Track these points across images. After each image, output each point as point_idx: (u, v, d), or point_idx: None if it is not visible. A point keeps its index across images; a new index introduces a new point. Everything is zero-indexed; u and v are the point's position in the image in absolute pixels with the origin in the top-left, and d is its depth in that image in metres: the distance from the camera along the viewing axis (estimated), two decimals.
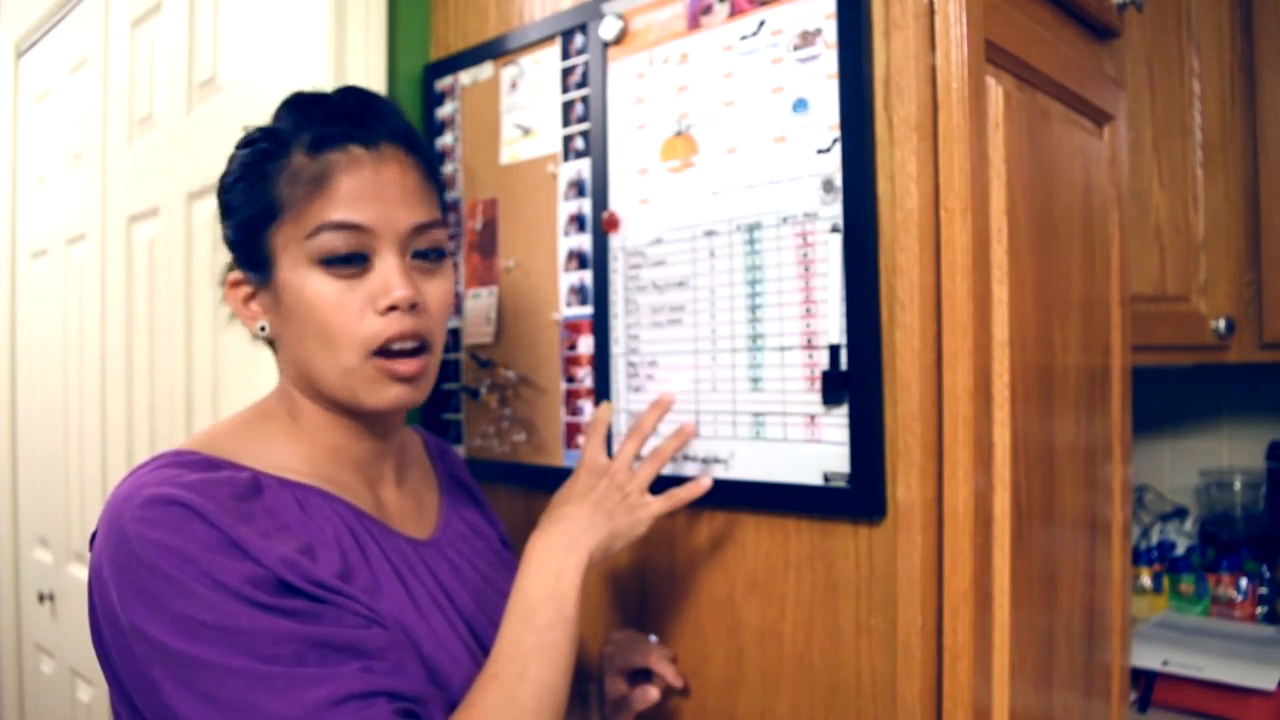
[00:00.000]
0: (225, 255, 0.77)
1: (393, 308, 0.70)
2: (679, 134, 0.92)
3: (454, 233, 1.15)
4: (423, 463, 0.90)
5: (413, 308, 0.71)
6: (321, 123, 0.71)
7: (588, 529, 0.78)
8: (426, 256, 0.74)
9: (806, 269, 0.83)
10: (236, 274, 0.75)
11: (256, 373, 1.17)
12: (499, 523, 0.96)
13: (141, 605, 0.59)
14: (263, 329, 0.74)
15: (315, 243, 0.69)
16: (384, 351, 0.71)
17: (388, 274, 0.70)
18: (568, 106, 1.03)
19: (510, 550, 0.94)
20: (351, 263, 0.70)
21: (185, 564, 0.59)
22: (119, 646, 0.62)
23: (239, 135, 0.76)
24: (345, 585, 0.65)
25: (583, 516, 0.80)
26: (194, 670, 0.58)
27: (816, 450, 0.82)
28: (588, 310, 1.00)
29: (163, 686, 0.59)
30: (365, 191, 0.70)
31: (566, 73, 1.03)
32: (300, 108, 0.74)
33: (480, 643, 0.77)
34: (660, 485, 0.87)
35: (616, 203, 0.98)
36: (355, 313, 0.70)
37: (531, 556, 0.76)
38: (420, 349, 0.73)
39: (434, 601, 0.75)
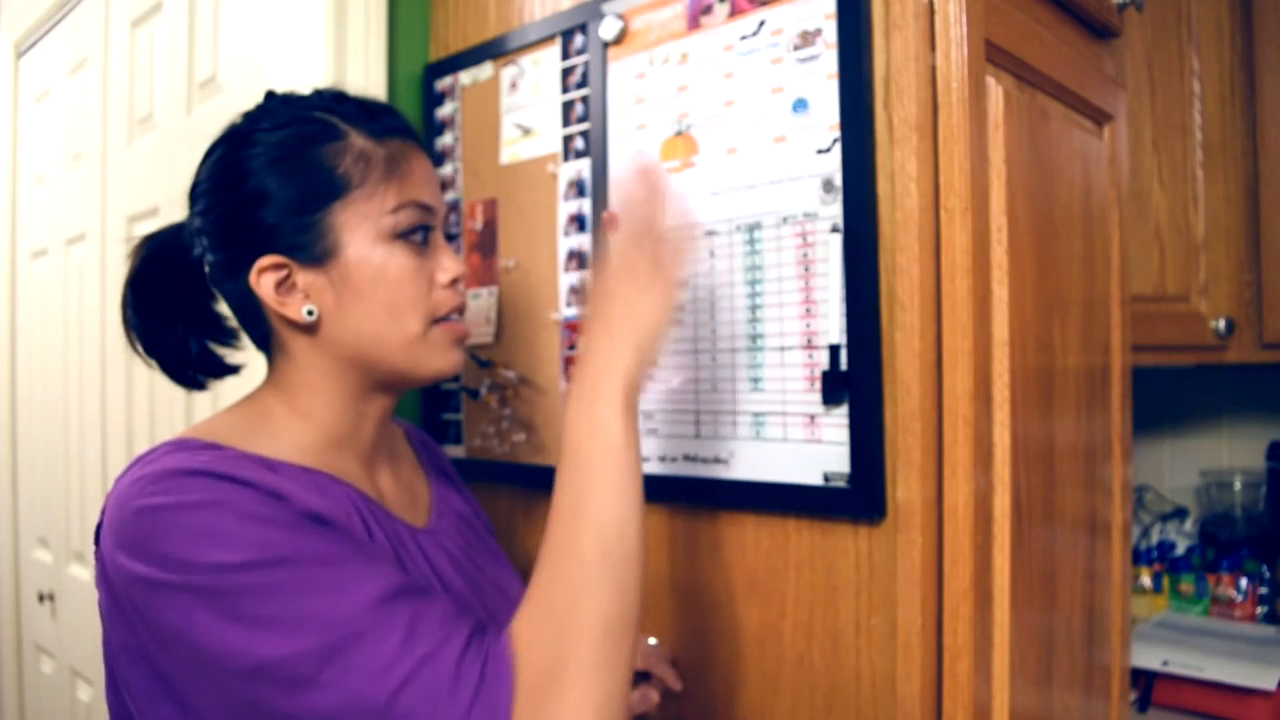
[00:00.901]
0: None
1: (455, 281, 0.77)
2: (679, 134, 0.92)
3: (453, 232, 1.16)
4: (409, 455, 0.90)
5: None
6: (374, 113, 0.76)
7: (617, 356, 0.69)
8: (452, 239, 0.82)
9: (806, 269, 0.83)
10: (272, 259, 0.71)
11: (255, 371, 1.17)
12: (483, 513, 0.97)
13: (171, 565, 0.58)
14: (310, 313, 0.72)
15: (394, 219, 0.73)
16: (444, 319, 0.77)
17: (446, 252, 0.77)
18: (568, 106, 1.03)
19: (496, 539, 0.95)
20: (424, 239, 0.75)
21: (219, 512, 0.59)
22: (152, 613, 0.60)
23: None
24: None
25: (616, 333, 0.70)
26: (240, 600, 0.57)
27: (816, 450, 0.82)
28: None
29: (209, 630, 0.58)
30: (427, 176, 0.77)
31: (566, 73, 1.03)
32: (337, 100, 0.76)
33: None
34: (661, 486, 0.87)
35: (617, 203, 0.97)
36: (426, 285, 0.75)
37: (573, 399, 0.70)
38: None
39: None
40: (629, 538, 0.65)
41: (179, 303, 0.78)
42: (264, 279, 0.71)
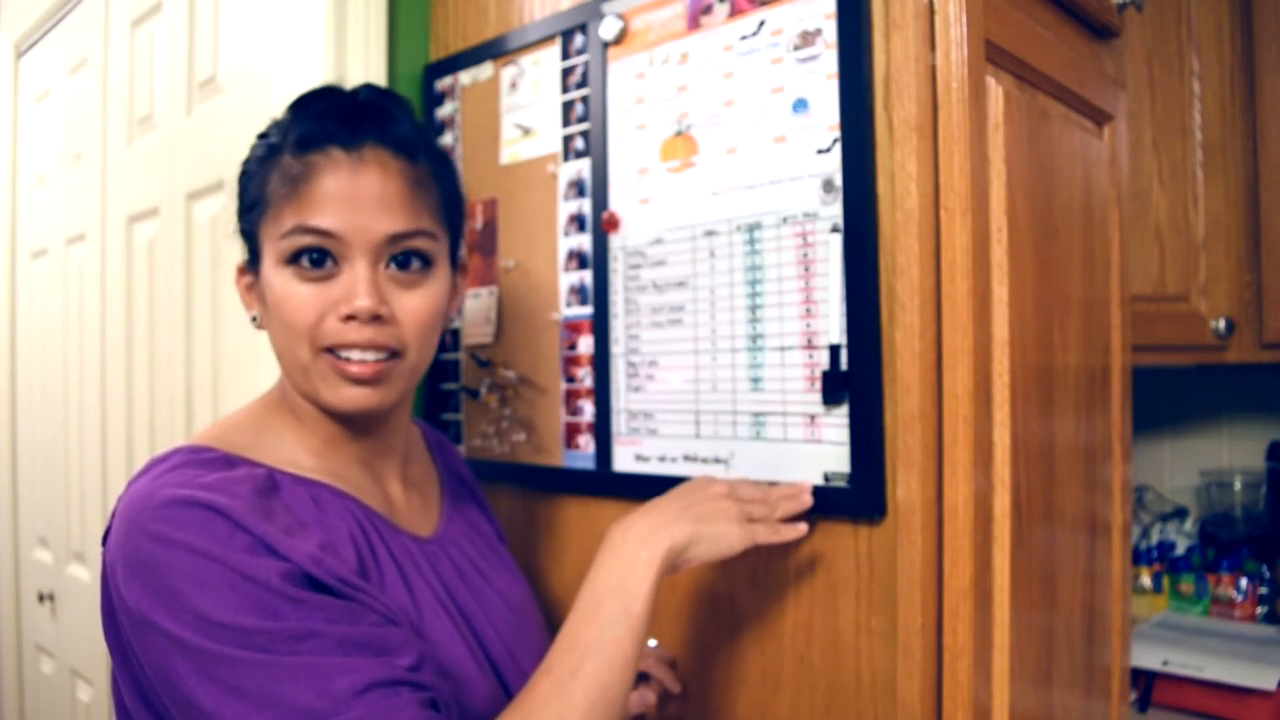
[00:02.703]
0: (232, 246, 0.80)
1: (351, 317, 0.69)
2: (679, 134, 0.92)
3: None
4: (425, 457, 0.90)
5: (376, 318, 0.70)
6: (310, 121, 0.72)
7: (670, 524, 0.73)
8: (405, 266, 0.72)
9: (806, 269, 0.83)
10: (241, 261, 0.78)
11: (256, 372, 1.17)
12: (496, 519, 0.96)
13: (161, 603, 0.59)
14: (254, 319, 0.77)
15: (286, 243, 0.70)
16: (334, 350, 0.71)
17: (352, 282, 0.70)
18: (568, 106, 1.03)
19: (507, 546, 0.95)
20: (319, 266, 0.70)
21: (209, 562, 0.59)
22: (137, 642, 0.61)
23: (238, 135, 0.77)
24: (364, 583, 0.66)
25: (669, 511, 0.74)
26: (216, 664, 0.58)
27: (816, 450, 0.82)
28: (588, 310, 1.00)
29: (185, 679, 0.58)
30: (339, 196, 0.69)
31: (566, 73, 1.03)
32: (300, 104, 0.74)
33: (481, 642, 0.77)
34: (662, 486, 0.87)
35: (616, 203, 0.98)
36: (316, 314, 0.70)
37: (606, 546, 0.72)
38: (386, 356, 0.72)
39: (437, 600, 0.75)
40: (615, 702, 0.66)
41: None
42: (240, 279, 0.78)
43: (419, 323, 0.73)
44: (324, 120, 0.71)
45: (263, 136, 0.75)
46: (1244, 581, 1.53)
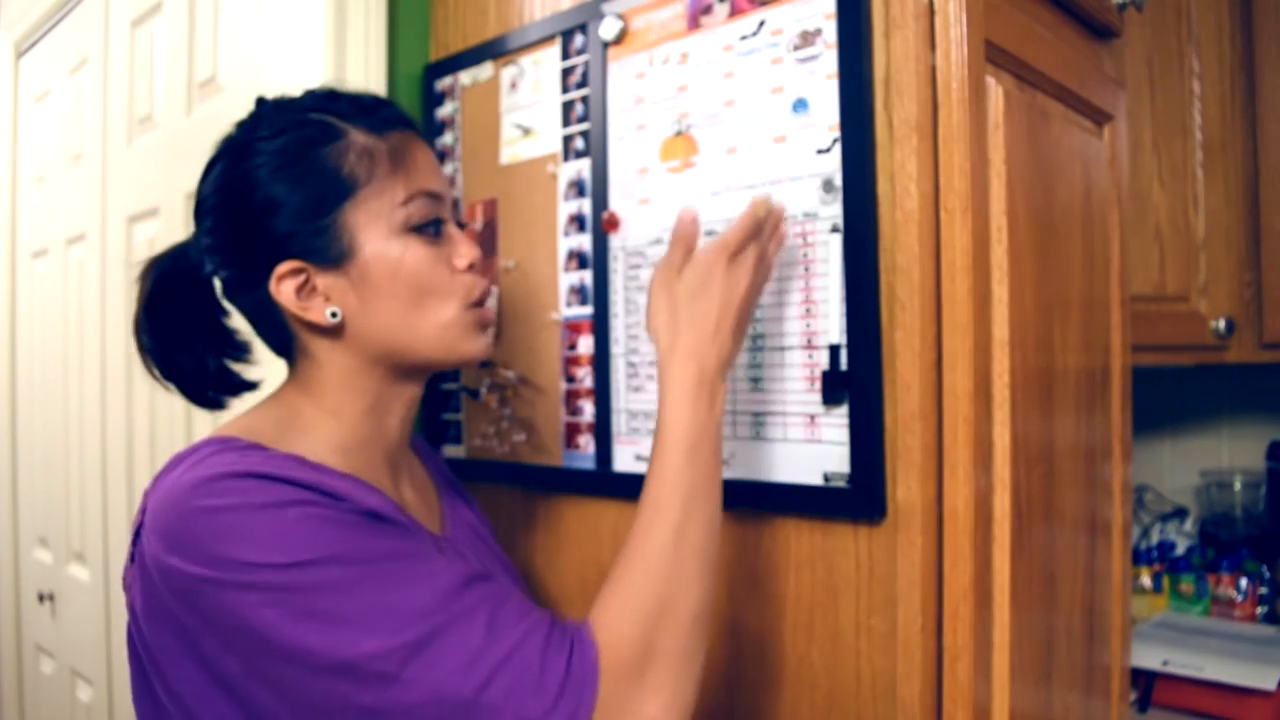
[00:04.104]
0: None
1: (471, 266, 0.77)
2: (679, 134, 0.92)
3: (463, 220, 1.16)
4: (418, 462, 0.91)
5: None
6: (369, 109, 0.75)
7: (712, 340, 0.73)
8: (462, 226, 0.81)
9: (806, 269, 0.83)
10: (290, 264, 0.71)
11: (256, 371, 1.17)
12: (487, 518, 0.97)
13: (236, 566, 0.58)
14: (334, 314, 0.72)
15: (408, 210, 0.73)
16: (478, 303, 0.77)
17: (456, 238, 0.77)
18: (568, 106, 1.03)
19: (499, 545, 0.95)
20: (436, 228, 0.75)
21: (279, 509, 0.59)
22: (211, 619, 0.59)
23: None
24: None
25: (701, 320, 0.74)
26: (314, 595, 0.58)
27: (816, 450, 0.82)
28: (588, 310, 1.00)
29: (277, 630, 0.57)
30: (431, 165, 0.77)
31: (566, 73, 1.03)
32: (331, 98, 0.76)
33: None
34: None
35: (616, 203, 0.98)
36: (447, 272, 0.75)
37: (675, 379, 0.72)
38: None
39: None
40: (717, 536, 0.70)
41: (193, 322, 0.78)
42: (284, 286, 0.71)
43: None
44: (378, 107, 0.76)
45: (277, 134, 0.72)
46: (1244, 581, 1.53)
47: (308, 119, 0.73)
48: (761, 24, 0.86)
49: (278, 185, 0.71)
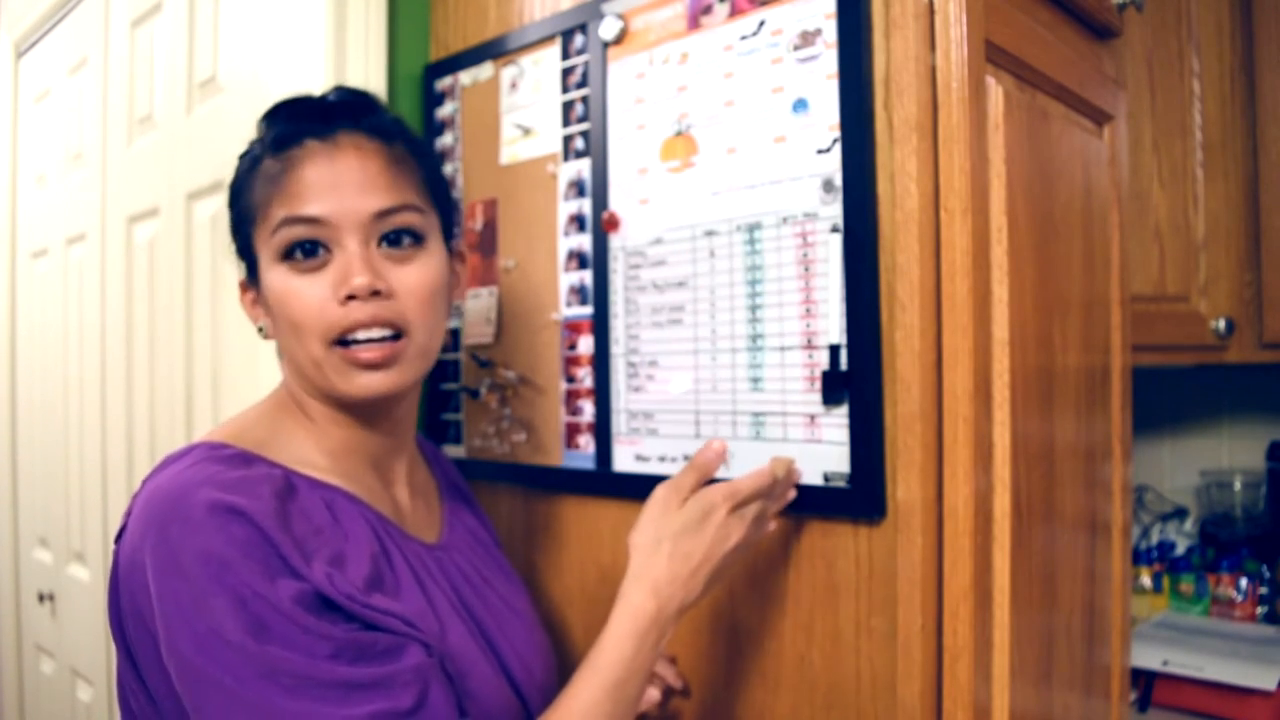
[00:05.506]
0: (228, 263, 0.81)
1: (351, 296, 0.70)
2: (679, 134, 0.92)
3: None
4: (423, 464, 0.91)
5: (375, 294, 0.70)
6: (284, 122, 0.73)
7: (688, 580, 0.74)
8: (397, 243, 0.73)
9: (806, 269, 0.83)
10: (242, 278, 0.78)
11: (256, 372, 1.17)
12: (492, 526, 0.97)
13: (180, 610, 0.60)
14: (261, 330, 0.77)
15: (276, 239, 0.71)
16: (344, 341, 0.71)
17: (347, 264, 0.70)
18: (568, 106, 1.03)
19: (503, 553, 0.95)
20: (312, 255, 0.71)
21: (223, 574, 0.60)
22: (150, 636, 0.63)
23: (238, 135, 0.77)
24: (379, 595, 0.66)
25: (686, 555, 0.74)
26: (202, 690, 0.59)
27: (816, 450, 0.82)
28: (588, 310, 1.00)
29: (175, 666, 0.61)
30: (321, 183, 0.70)
31: (566, 73, 1.03)
32: (271, 113, 0.76)
33: (494, 649, 0.78)
34: (655, 486, 0.87)
35: (616, 203, 0.97)
36: (317, 304, 0.70)
37: (630, 606, 0.73)
38: (393, 336, 0.72)
39: (451, 607, 0.76)
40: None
41: None
42: (244, 295, 0.78)
43: (418, 297, 0.73)
44: (296, 119, 0.73)
45: (244, 155, 0.76)
46: (1244, 581, 1.53)
47: (252, 144, 0.76)
48: (761, 24, 0.86)
49: (234, 204, 0.77)
